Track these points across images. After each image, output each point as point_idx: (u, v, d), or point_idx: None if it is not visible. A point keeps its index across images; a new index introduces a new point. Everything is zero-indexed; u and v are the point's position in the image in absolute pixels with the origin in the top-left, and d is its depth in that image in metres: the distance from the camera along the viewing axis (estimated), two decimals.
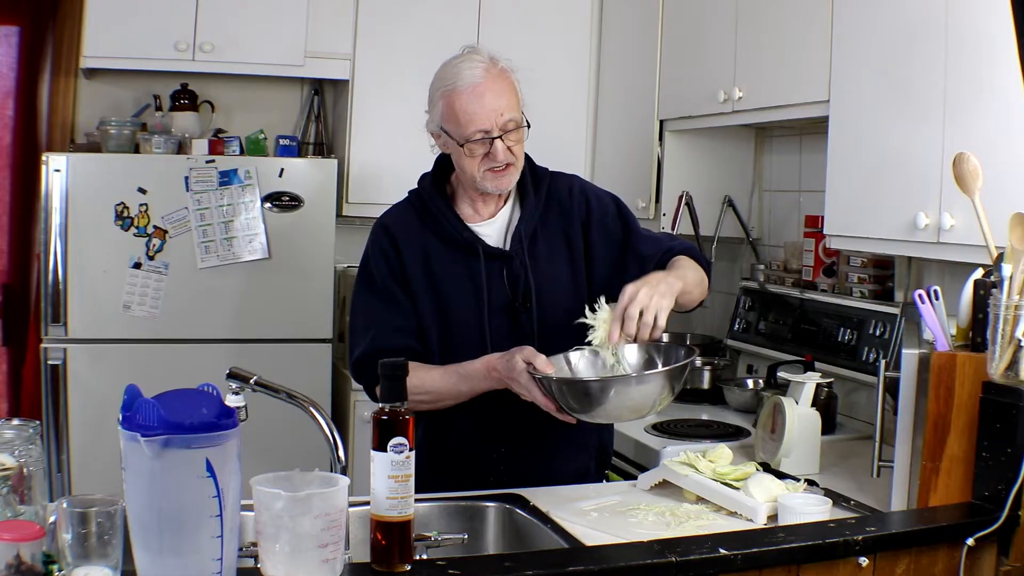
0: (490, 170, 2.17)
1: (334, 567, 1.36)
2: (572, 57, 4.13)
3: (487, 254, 2.23)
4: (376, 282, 2.26)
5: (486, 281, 2.22)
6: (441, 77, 2.20)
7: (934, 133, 2.36)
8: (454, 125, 2.17)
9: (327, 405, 3.70)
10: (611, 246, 2.31)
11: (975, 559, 1.77)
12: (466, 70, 2.15)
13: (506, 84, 2.17)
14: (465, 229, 2.25)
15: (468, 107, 2.13)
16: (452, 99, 2.15)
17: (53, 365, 3.48)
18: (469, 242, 2.23)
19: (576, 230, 2.29)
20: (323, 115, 4.25)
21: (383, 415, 1.46)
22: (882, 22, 2.56)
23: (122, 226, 3.52)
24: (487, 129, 2.14)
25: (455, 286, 2.23)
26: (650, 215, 3.72)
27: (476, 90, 2.13)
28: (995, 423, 1.80)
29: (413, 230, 2.26)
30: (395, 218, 2.30)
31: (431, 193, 2.28)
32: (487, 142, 2.14)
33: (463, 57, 2.19)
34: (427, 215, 2.27)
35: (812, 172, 3.40)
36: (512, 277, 2.24)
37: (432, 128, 2.24)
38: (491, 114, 2.13)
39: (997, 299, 1.82)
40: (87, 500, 1.33)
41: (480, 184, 2.20)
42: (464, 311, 2.23)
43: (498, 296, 2.23)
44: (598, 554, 1.62)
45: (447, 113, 2.17)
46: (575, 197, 2.32)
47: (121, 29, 3.62)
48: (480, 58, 2.18)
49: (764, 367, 3.34)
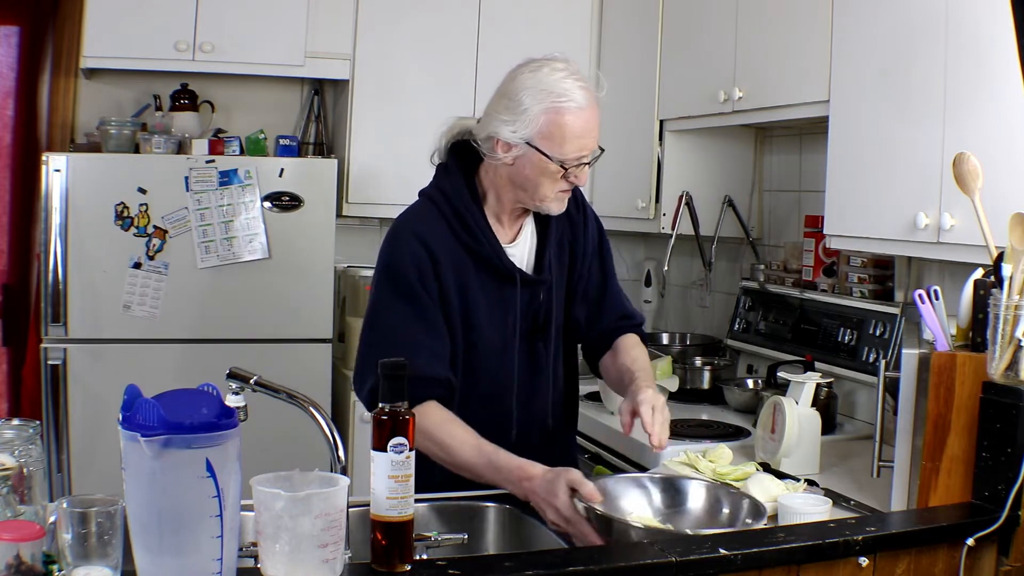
0: (562, 191, 2.10)
1: (334, 567, 1.36)
2: (572, 57, 4.10)
3: (523, 283, 2.17)
4: (412, 297, 2.09)
5: (520, 308, 2.17)
6: (543, 89, 2.04)
7: (934, 133, 2.36)
8: (554, 144, 2.03)
9: (327, 405, 3.70)
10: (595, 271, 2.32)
11: (975, 559, 1.77)
12: (576, 89, 2.04)
13: (598, 108, 2.10)
14: (503, 254, 2.15)
15: (576, 129, 2.03)
16: (561, 116, 2.02)
17: (53, 365, 3.48)
18: (507, 270, 2.15)
19: (579, 240, 2.28)
20: (323, 115, 4.25)
21: (383, 415, 1.46)
22: (882, 22, 2.56)
23: (122, 226, 3.52)
24: (585, 154, 2.06)
25: (486, 312, 2.14)
26: (650, 215, 3.72)
27: (586, 114, 2.04)
28: (995, 423, 1.80)
29: (449, 246, 2.11)
30: (430, 229, 2.12)
31: (471, 209, 2.13)
32: (575, 166, 2.07)
33: (560, 70, 2.06)
34: (463, 230, 2.12)
35: (812, 172, 3.40)
36: (537, 304, 2.19)
37: (511, 138, 2.05)
38: (592, 140, 2.07)
39: (997, 299, 1.82)
40: (87, 500, 1.33)
41: (544, 205, 2.11)
42: (492, 339, 2.15)
43: (523, 323, 2.18)
44: (598, 554, 1.61)
45: (549, 130, 2.03)
46: (579, 207, 2.29)
47: (121, 29, 3.62)
48: (577, 75, 2.07)
49: (764, 367, 3.34)
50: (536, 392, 2.23)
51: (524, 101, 2.04)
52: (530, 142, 2.04)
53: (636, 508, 1.87)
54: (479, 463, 1.99)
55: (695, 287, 4.07)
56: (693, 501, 1.88)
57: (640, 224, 3.80)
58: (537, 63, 2.09)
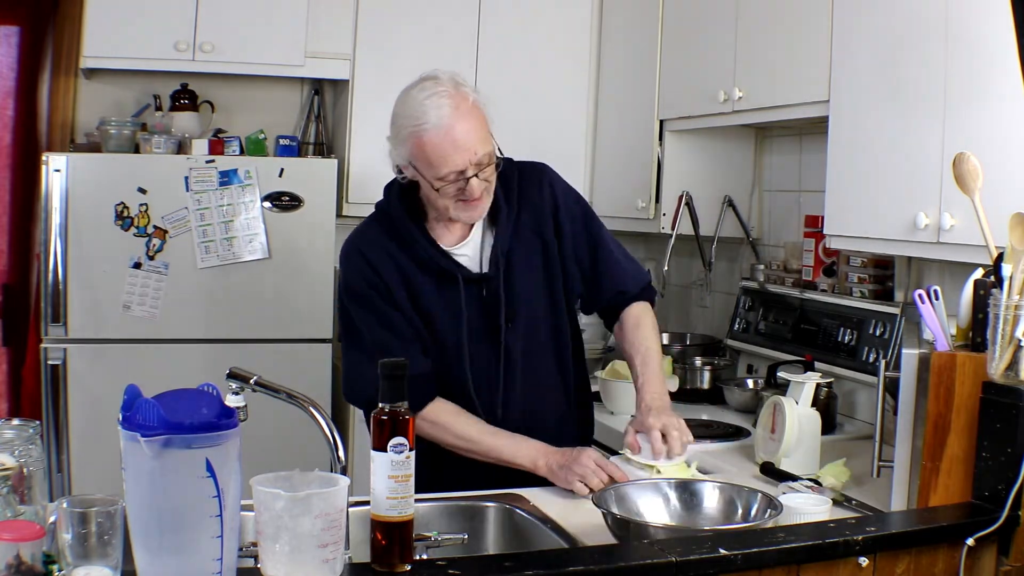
0: (463, 201, 2.13)
1: (334, 567, 1.36)
2: (572, 57, 4.13)
3: (466, 279, 2.20)
4: (372, 308, 2.19)
5: (466, 307, 2.20)
6: (405, 114, 2.10)
7: (934, 133, 2.36)
8: (425, 166, 2.09)
9: (327, 405, 3.70)
10: (581, 246, 2.32)
11: (975, 559, 1.77)
12: (432, 108, 2.06)
13: (475, 117, 2.09)
14: (442, 256, 2.20)
15: (439, 149, 2.05)
16: (421, 140, 2.06)
17: (53, 365, 3.48)
18: (447, 269, 2.20)
19: (547, 225, 2.28)
20: (323, 115, 4.25)
21: (383, 415, 1.46)
22: (882, 22, 2.56)
23: (122, 226, 3.52)
24: (462, 170, 2.08)
25: (436, 312, 2.20)
26: (650, 215, 3.72)
27: (447, 131, 2.05)
28: (995, 423, 1.80)
29: (389, 253, 2.20)
30: (369, 242, 2.22)
31: (402, 216, 2.21)
32: (462, 182, 2.09)
33: (426, 90, 2.10)
34: (399, 239, 2.21)
35: (812, 172, 3.40)
36: (492, 299, 2.22)
37: (399, 161, 2.15)
38: (464, 154, 2.06)
39: (997, 299, 1.82)
40: (87, 500, 1.33)
41: (453, 215, 2.16)
42: (446, 338, 2.21)
43: (478, 320, 2.21)
44: (598, 554, 1.61)
45: (417, 153, 2.09)
46: (544, 193, 2.29)
47: (121, 29, 3.62)
48: (444, 90, 2.09)
49: (764, 367, 3.34)
50: (512, 384, 2.25)
51: (395, 127, 2.14)
52: (412, 163, 2.12)
53: (653, 511, 1.89)
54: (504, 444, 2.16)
55: (695, 287, 4.07)
56: (708, 502, 1.92)
57: (640, 224, 3.80)
58: (413, 83, 2.16)
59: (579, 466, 2.10)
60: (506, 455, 2.17)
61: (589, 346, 2.68)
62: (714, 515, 1.90)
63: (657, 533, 1.72)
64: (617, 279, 2.36)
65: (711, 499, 1.92)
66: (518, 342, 2.24)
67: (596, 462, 2.11)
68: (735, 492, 1.92)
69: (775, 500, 1.83)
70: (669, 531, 1.77)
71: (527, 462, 2.15)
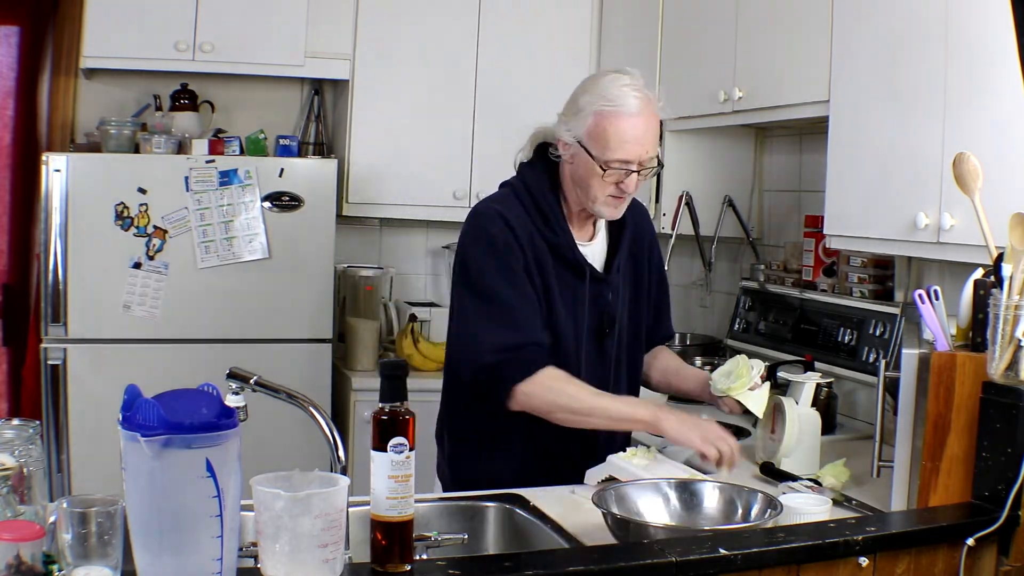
0: (612, 196, 2.17)
1: (334, 567, 1.36)
2: (572, 57, 4.13)
3: (592, 278, 2.26)
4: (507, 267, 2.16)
5: (588, 303, 2.25)
6: (597, 92, 2.14)
7: (934, 133, 2.36)
8: (599, 145, 2.13)
9: (327, 405, 3.70)
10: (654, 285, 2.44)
11: (975, 559, 1.77)
12: (628, 96, 2.12)
13: (655, 119, 2.16)
14: (576, 249, 2.24)
15: (622, 134, 2.11)
16: (606, 120, 2.11)
17: (53, 365, 3.48)
18: (579, 263, 2.24)
19: (643, 257, 2.39)
20: (323, 115, 4.25)
21: (383, 415, 1.46)
22: (882, 22, 2.56)
23: (122, 226, 3.52)
24: (630, 161, 2.13)
25: (560, 303, 2.23)
26: (650, 215, 3.72)
27: (634, 120, 2.12)
28: (995, 423, 1.80)
29: (529, 232, 2.20)
30: (512, 214, 2.21)
31: (551, 202, 2.23)
32: (624, 172, 2.14)
33: (623, 79, 2.15)
34: (541, 220, 2.22)
35: (812, 172, 3.40)
36: (604, 302, 2.28)
37: (566, 137, 2.18)
38: (640, 148, 2.13)
39: (997, 299, 1.81)
40: (87, 500, 1.33)
41: (595, 207, 2.20)
42: (564, 330, 2.24)
43: (592, 319, 2.27)
44: (598, 554, 1.61)
45: (595, 131, 2.13)
46: (647, 226, 2.43)
47: (121, 29, 3.63)
48: (636, 84, 2.14)
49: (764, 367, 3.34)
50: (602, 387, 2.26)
51: (580, 103, 2.16)
52: (580, 141, 2.15)
53: (653, 511, 1.89)
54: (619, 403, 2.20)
55: (695, 287, 4.07)
56: (708, 502, 1.92)
57: None
58: (604, 72, 2.22)
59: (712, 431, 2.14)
60: (626, 412, 2.19)
61: None
62: (714, 515, 1.90)
63: (657, 533, 1.72)
64: (668, 324, 2.54)
65: (711, 499, 1.92)
66: (614, 350, 2.32)
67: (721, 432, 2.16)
68: (735, 492, 1.92)
69: (775, 500, 1.83)
70: (669, 531, 1.77)
71: (648, 417, 2.16)
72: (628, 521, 1.77)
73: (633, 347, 2.40)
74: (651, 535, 1.71)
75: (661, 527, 1.78)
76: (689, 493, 1.93)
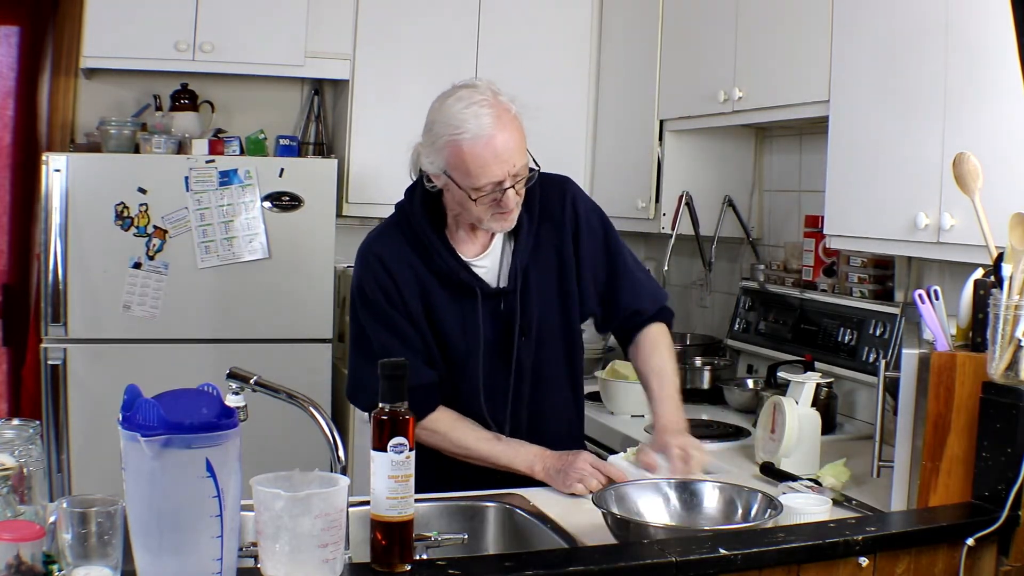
0: (496, 213, 2.10)
1: (334, 567, 1.36)
2: (572, 57, 4.13)
3: (485, 294, 2.19)
4: (383, 315, 2.17)
5: (482, 321, 2.19)
6: (444, 122, 2.06)
7: (934, 133, 2.36)
8: (462, 175, 2.05)
9: (327, 405, 3.70)
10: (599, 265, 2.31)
11: (975, 559, 1.77)
12: (472, 118, 2.02)
13: (514, 129, 2.06)
14: (463, 268, 2.18)
15: (479, 160, 2.02)
16: (460, 149, 2.03)
17: (53, 365, 3.48)
18: (467, 283, 2.18)
19: (567, 241, 2.26)
20: (323, 115, 4.25)
21: (383, 415, 1.46)
22: (882, 22, 2.56)
23: (122, 226, 3.52)
24: (500, 181, 2.05)
25: (452, 326, 2.19)
26: (650, 215, 3.72)
27: (487, 142, 2.02)
28: (995, 423, 1.80)
29: (408, 263, 2.17)
30: (387, 248, 2.19)
31: (424, 226, 2.18)
32: (499, 192, 2.06)
33: (464, 99, 2.06)
34: (420, 248, 2.18)
35: (812, 172, 3.40)
36: (508, 313, 2.21)
37: (433, 170, 2.10)
38: (504, 166, 2.03)
39: (997, 299, 1.81)
40: (87, 500, 1.33)
41: (486, 225, 2.15)
42: (458, 350, 2.20)
43: (492, 333, 2.20)
44: (598, 554, 1.61)
45: (454, 162, 2.05)
46: (566, 210, 2.27)
47: (121, 29, 3.62)
48: (484, 99, 2.05)
49: (764, 367, 3.34)
50: (520, 397, 2.25)
51: (434, 131, 2.09)
52: (446, 171, 2.09)
53: (653, 511, 1.89)
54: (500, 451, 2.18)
55: (695, 287, 4.07)
56: (708, 502, 1.92)
57: (640, 224, 3.80)
58: (449, 91, 2.12)
59: (575, 470, 2.11)
60: (503, 461, 2.18)
61: (589, 346, 2.68)
62: (714, 515, 1.90)
63: (657, 533, 1.72)
64: (633, 298, 2.34)
65: (711, 499, 1.92)
66: (530, 357, 2.24)
67: (592, 464, 2.13)
68: (735, 492, 1.92)
69: (775, 500, 1.83)
70: (669, 531, 1.77)
71: (524, 467, 2.16)
72: (628, 521, 1.77)
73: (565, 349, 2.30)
74: (651, 535, 1.71)
75: (661, 527, 1.78)
76: (689, 493, 1.93)
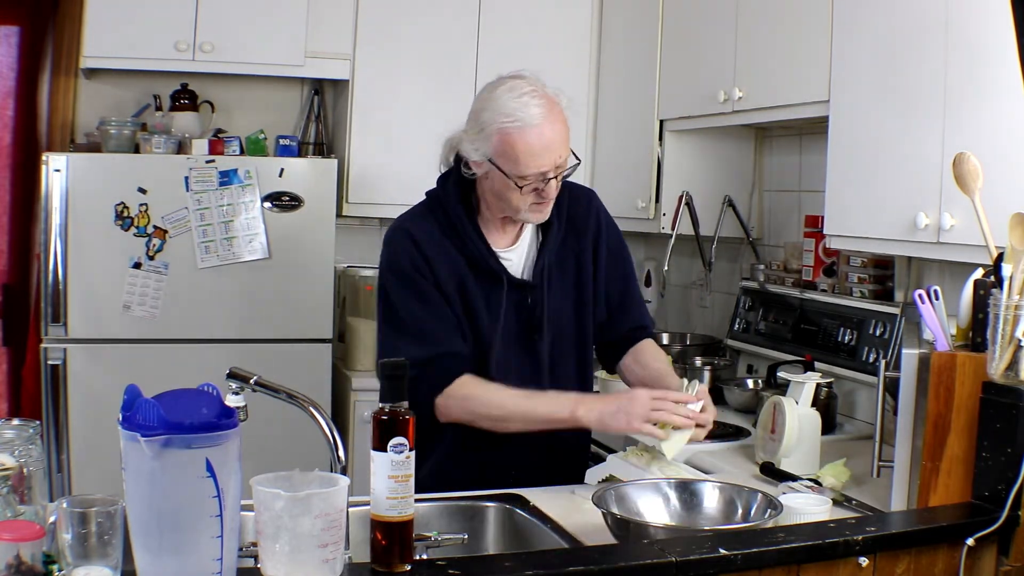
0: (535, 203, 2.13)
1: (334, 567, 1.36)
2: (572, 57, 4.13)
3: (511, 284, 2.21)
4: (415, 288, 2.17)
5: (505, 311, 2.21)
6: (497, 109, 2.08)
7: (934, 133, 2.36)
8: (510, 164, 2.08)
9: (327, 405, 3.70)
10: (615, 278, 2.35)
11: (975, 559, 1.77)
12: (523, 108, 2.06)
13: (562, 121, 2.10)
14: (492, 256, 2.20)
15: (530, 149, 2.05)
16: (511, 138, 2.06)
17: (53, 365, 3.48)
18: (496, 271, 2.20)
19: (587, 249, 2.30)
20: (323, 115, 4.25)
21: (383, 415, 1.46)
22: (882, 21, 2.56)
23: (122, 226, 3.52)
24: (546, 171, 2.08)
25: (477, 311, 2.20)
26: (650, 215, 3.73)
27: (539, 132, 2.05)
28: (995, 423, 1.80)
29: (440, 246, 2.19)
30: (420, 229, 2.20)
31: (459, 213, 2.20)
32: (542, 181, 2.09)
33: (516, 88, 2.09)
34: (453, 233, 2.19)
35: (812, 172, 3.40)
36: (528, 308, 2.23)
37: (476, 157, 2.12)
38: (552, 156, 2.07)
39: (997, 299, 1.81)
40: (87, 500, 1.33)
41: (522, 216, 2.17)
42: (489, 337, 2.20)
43: (514, 325, 2.22)
44: (598, 554, 1.61)
45: (502, 149, 2.07)
46: (591, 216, 2.32)
47: (121, 29, 3.62)
48: (534, 90, 2.08)
49: (764, 367, 3.34)
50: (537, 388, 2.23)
51: (482, 120, 2.11)
52: (491, 159, 2.10)
53: (653, 511, 1.89)
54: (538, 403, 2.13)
55: (695, 287, 4.07)
56: (708, 502, 1.92)
57: (640, 224, 3.81)
58: (497, 82, 2.14)
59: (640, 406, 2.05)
60: (542, 412, 2.12)
61: None
62: (714, 515, 1.90)
63: (657, 533, 1.72)
64: (640, 315, 2.40)
65: (711, 499, 1.92)
66: (547, 351, 2.26)
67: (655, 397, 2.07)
68: (735, 492, 1.92)
69: (775, 500, 1.83)
70: (669, 531, 1.77)
71: (566, 413, 2.10)
72: (628, 521, 1.77)
73: (576, 348, 2.32)
74: (651, 535, 1.71)
75: (661, 527, 1.78)
76: (689, 493, 1.93)
